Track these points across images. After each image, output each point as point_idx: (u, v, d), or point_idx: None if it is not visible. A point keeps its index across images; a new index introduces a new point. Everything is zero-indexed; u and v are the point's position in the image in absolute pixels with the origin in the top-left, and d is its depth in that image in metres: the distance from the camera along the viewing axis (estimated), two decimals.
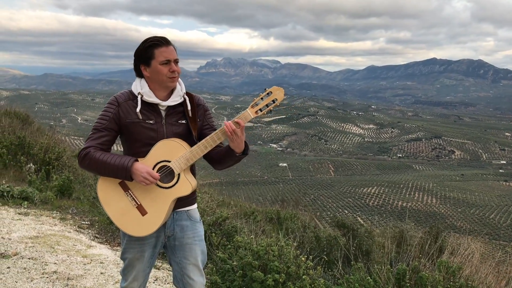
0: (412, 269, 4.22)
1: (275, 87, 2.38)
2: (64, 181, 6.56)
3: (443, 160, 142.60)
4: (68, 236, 4.90)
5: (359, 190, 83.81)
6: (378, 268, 4.35)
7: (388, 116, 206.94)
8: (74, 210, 5.96)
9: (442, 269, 4.28)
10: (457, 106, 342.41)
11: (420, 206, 75.47)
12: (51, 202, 6.04)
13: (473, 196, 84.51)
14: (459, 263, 4.34)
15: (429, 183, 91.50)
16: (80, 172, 8.08)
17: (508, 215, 72.57)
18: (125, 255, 2.43)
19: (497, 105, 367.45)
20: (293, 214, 10.30)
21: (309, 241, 6.21)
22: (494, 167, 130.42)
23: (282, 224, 8.82)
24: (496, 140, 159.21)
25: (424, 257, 4.67)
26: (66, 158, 7.95)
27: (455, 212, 72.92)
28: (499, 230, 62.80)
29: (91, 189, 7.20)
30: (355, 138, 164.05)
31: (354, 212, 68.87)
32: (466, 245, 4.72)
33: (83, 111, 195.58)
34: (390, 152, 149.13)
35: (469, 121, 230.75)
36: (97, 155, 2.22)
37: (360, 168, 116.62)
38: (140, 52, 2.30)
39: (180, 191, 2.31)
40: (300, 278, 4.08)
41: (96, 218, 5.79)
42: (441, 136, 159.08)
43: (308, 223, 8.28)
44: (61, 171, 7.42)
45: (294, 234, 6.18)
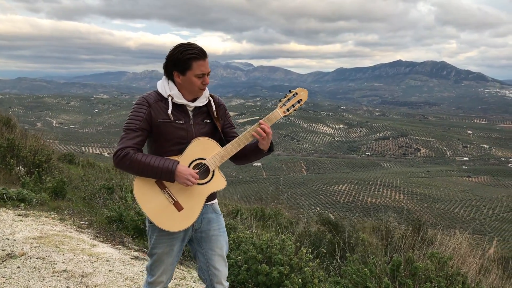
0: (406, 260, 4.49)
1: (300, 88, 2.58)
2: (58, 183, 6.55)
3: (410, 158, 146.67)
4: (70, 236, 4.94)
5: (330, 187, 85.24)
6: (376, 259, 4.59)
7: (357, 116, 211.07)
8: (71, 211, 5.98)
9: (434, 259, 4.57)
10: (422, 106, 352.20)
11: (388, 202, 77.36)
12: (47, 204, 6.03)
13: (438, 191, 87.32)
14: (450, 254, 4.64)
15: (396, 180, 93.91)
16: (67, 174, 8.04)
17: (471, 209, 75.46)
18: (155, 250, 2.51)
19: (459, 104, 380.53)
20: (277, 211, 10.53)
21: (300, 236, 6.44)
22: (457, 163, 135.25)
23: (268, 221, 9.04)
24: (459, 138, 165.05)
25: (412, 249, 4.94)
26: (55, 160, 7.88)
27: (421, 207, 75.13)
28: (464, 224, 65.14)
29: (81, 190, 7.20)
30: (326, 138, 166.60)
31: (326, 209, 69.79)
32: (454, 238, 5.03)
33: (58, 114, 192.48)
34: (359, 151, 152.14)
35: (434, 120, 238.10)
36: (138, 156, 2.29)
37: (331, 166, 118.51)
38: (177, 61, 2.36)
39: (215, 186, 2.46)
40: (301, 270, 4.29)
41: (93, 218, 5.83)
42: (407, 134, 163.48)
43: (296, 219, 8.50)
44: (51, 173, 7.37)
45: (288, 229, 6.39)
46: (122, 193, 6.50)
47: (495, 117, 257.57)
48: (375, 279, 4.52)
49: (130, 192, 6.33)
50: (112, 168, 14.42)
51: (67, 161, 12.50)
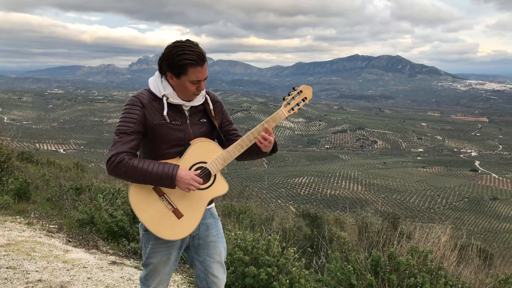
0: (389, 255, 4.51)
1: (304, 86, 2.46)
2: (21, 184, 6.14)
3: (367, 150, 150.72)
4: (40, 241, 4.63)
5: (291, 180, 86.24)
6: (357, 256, 4.59)
7: (316, 110, 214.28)
8: (37, 214, 5.62)
9: (414, 254, 4.62)
10: (378, 99, 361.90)
11: (347, 194, 79.22)
12: (10, 207, 5.64)
13: (394, 182, 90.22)
14: (430, 248, 4.70)
15: (354, 172, 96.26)
16: (28, 174, 7.58)
17: (426, 199, 78.61)
18: (150, 260, 2.35)
19: (414, 97, 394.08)
20: (247, 207, 10.44)
21: (284, 234, 6.37)
22: (412, 154, 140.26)
23: (239, 218, 8.93)
24: (414, 130, 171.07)
25: (392, 244, 4.98)
26: (14, 159, 7.39)
27: (379, 198, 77.41)
28: (419, 213, 67.70)
29: (45, 191, 6.81)
30: (286, 131, 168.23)
31: (287, 201, 70.65)
32: (434, 231, 5.11)
33: (10, 110, 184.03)
34: (318, 144, 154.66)
35: (389, 113, 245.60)
36: (135, 162, 2.11)
37: (291, 159, 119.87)
38: (172, 63, 2.16)
39: (217, 191, 2.32)
40: (288, 270, 4.22)
41: (63, 221, 5.51)
42: (365, 127, 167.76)
43: (271, 215, 8.44)
44: (12, 174, 6.90)
45: (264, 225, 6.31)
46: (91, 193, 6.19)
47: (448, 109, 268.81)
48: (357, 276, 4.52)
49: (101, 192, 6.05)
50: (74, 166, 13.83)
51: (25, 160, 11.85)
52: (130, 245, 5.18)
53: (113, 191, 6.25)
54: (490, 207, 76.23)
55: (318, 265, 5.50)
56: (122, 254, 4.91)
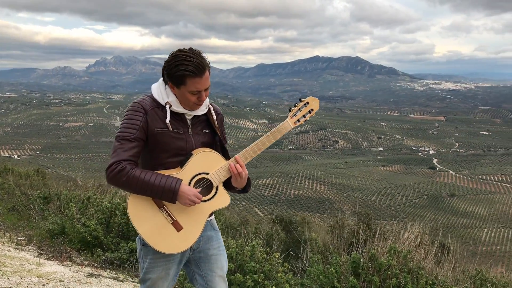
0: (370, 256, 4.56)
1: (311, 97, 2.45)
2: None
3: (329, 150, 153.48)
4: (10, 255, 4.37)
5: (254, 182, 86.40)
6: (338, 258, 4.61)
7: (278, 111, 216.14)
8: (2, 226, 5.31)
9: (393, 254, 4.69)
10: (339, 100, 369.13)
11: (310, 193, 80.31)
12: None
13: (356, 181, 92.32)
14: (409, 248, 4.79)
15: (317, 172, 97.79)
16: None
17: (386, 197, 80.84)
18: (149, 275, 2.25)
19: (373, 98, 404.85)
20: (219, 211, 10.32)
21: (267, 238, 6.32)
22: (373, 154, 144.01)
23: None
24: (373, 130, 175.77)
25: (371, 245, 5.04)
26: None
27: (341, 197, 78.98)
28: (381, 211, 69.55)
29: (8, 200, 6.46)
30: (249, 133, 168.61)
31: (251, 203, 70.87)
32: (409, 230, 5.21)
33: None
34: (281, 145, 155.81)
35: (350, 113, 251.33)
36: (136, 173, 2.03)
37: (255, 161, 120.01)
38: (171, 74, 2.11)
39: (219, 204, 2.25)
40: (273, 276, 4.18)
41: (31, 232, 5.23)
42: (326, 127, 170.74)
43: (246, 219, 8.38)
44: None
45: (239, 230, 6.25)
46: (61, 202, 5.92)
47: (406, 109, 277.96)
48: (338, 279, 4.54)
49: (72, 201, 5.79)
50: (34, 173, 13.21)
51: None
52: (105, 255, 4.99)
53: (83, 199, 6.01)
54: (448, 204, 79.36)
55: (297, 268, 5.50)
56: (98, 265, 4.72)
